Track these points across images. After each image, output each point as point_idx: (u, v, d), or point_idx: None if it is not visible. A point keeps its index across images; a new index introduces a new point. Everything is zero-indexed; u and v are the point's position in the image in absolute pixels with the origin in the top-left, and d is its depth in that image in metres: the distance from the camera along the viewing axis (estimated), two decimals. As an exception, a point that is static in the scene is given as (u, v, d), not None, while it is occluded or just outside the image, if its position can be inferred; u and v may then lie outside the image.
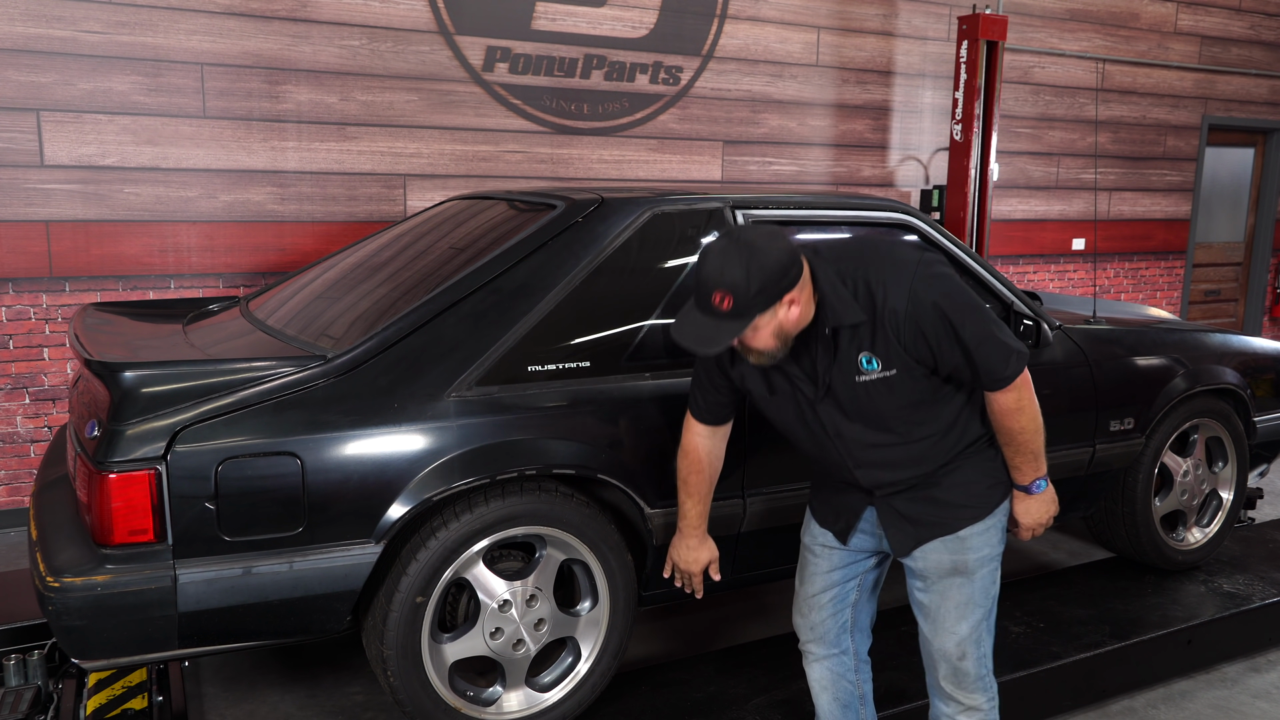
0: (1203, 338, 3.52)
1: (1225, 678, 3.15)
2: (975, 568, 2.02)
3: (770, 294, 1.78)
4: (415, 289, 2.52)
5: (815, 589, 2.19)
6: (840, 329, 1.87)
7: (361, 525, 2.21)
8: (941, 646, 2.07)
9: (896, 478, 2.00)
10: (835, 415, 1.96)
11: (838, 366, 1.90)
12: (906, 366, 1.88)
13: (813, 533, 2.20)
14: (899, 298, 1.84)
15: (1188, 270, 7.70)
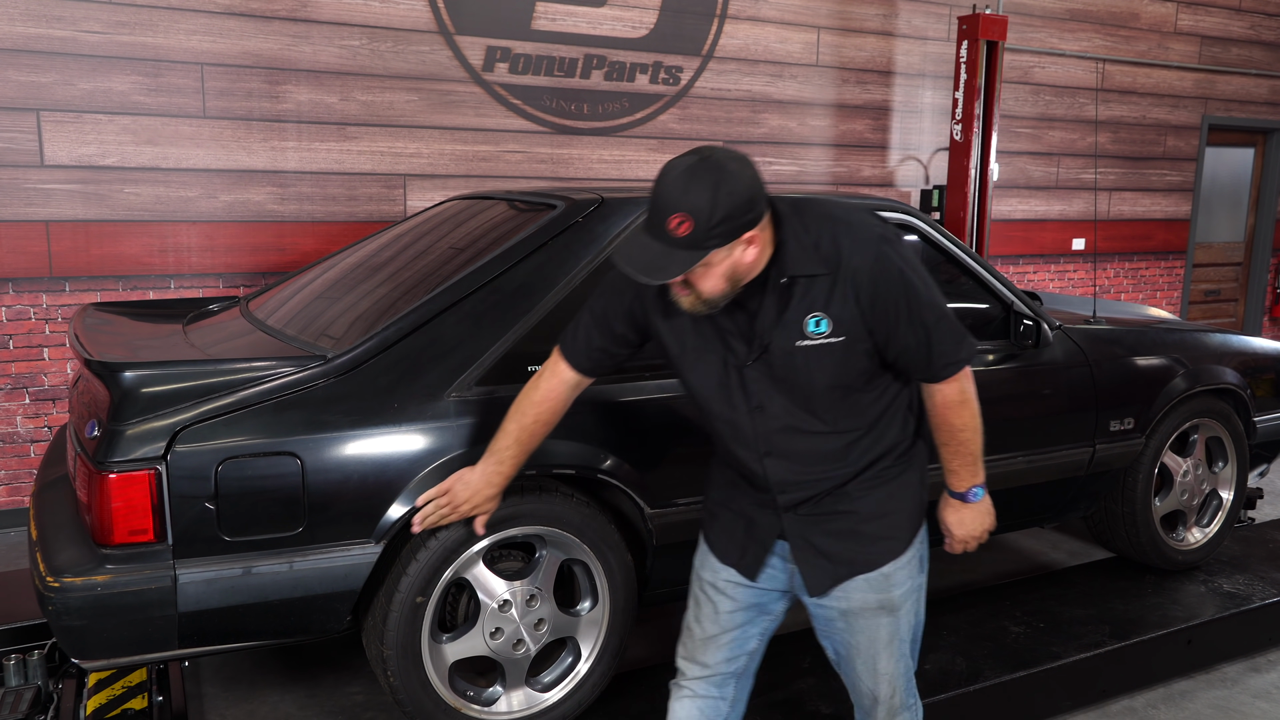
0: (1203, 338, 3.52)
1: (1225, 678, 3.15)
2: (901, 602, 1.84)
3: (733, 226, 1.57)
4: (415, 289, 2.52)
5: (714, 630, 1.93)
6: (796, 280, 1.68)
7: (361, 525, 2.21)
8: (872, 689, 1.90)
9: (804, 476, 1.79)
10: (763, 383, 1.74)
11: (781, 325, 1.69)
12: (855, 336, 1.69)
13: (712, 566, 1.94)
14: (865, 256, 1.67)
15: (1188, 270, 7.70)
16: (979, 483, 1.89)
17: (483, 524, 2.17)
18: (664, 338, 1.84)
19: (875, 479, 1.82)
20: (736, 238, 1.60)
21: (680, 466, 2.54)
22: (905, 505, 1.85)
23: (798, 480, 1.80)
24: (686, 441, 2.56)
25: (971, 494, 1.90)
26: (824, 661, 2.85)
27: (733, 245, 1.60)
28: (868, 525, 1.82)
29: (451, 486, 2.10)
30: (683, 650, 1.99)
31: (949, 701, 2.65)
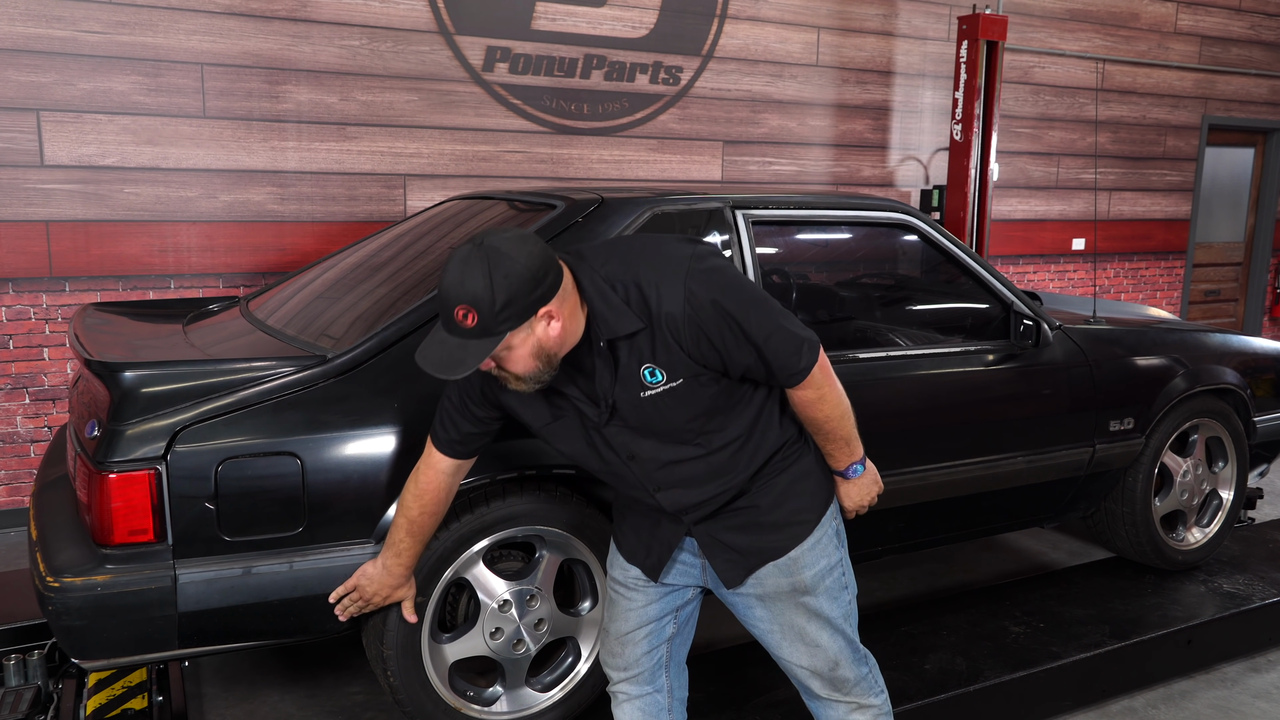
0: (1203, 338, 3.52)
1: (1225, 678, 3.15)
2: (816, 582, 1.86)
3: (520, 307, 1.55)
4: (415, 289, 2.52)
5: (628, 627, 1.97)
6: (616, 341, 1.66)
7: (361, 525, 2.21)
8: (811, 665, 1.90)
9: (702, 497, 1.81)
10: (625, 436, 1.75)
11: (620, 383, 1.69)
12: (693, 373, 1.68)
13: (621, 565, 1.97)
14: (674, 300, 1.63)
15: (1188, 270, 7.70)
16: (856, 459, 1.91)
17: (410, 610, 2.18)
18: (520, 414, 1.82)
19: (769, 474, 1.84)
20: (529, 317, 1.57)
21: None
22: (804, 489, 1.87)
23: (696, 502, 1.83)
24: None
25: (851, 470, 1.92)
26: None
27: (529, 324, 1.58)
28: (769, 515, 1.84)
29: (357, 582, 2.13)
30: (603, 652, 2.05)
31: (949, 701, 2.65)
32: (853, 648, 1.92)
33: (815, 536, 1.87)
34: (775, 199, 2.85)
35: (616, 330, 1.65)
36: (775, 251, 2.98)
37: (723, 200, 2.76)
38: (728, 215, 2.74)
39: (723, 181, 5.64)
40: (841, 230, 3.01)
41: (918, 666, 2.79)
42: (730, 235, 2.72)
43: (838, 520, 1.94)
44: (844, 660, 1.90)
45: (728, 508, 1.85)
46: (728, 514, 1.85)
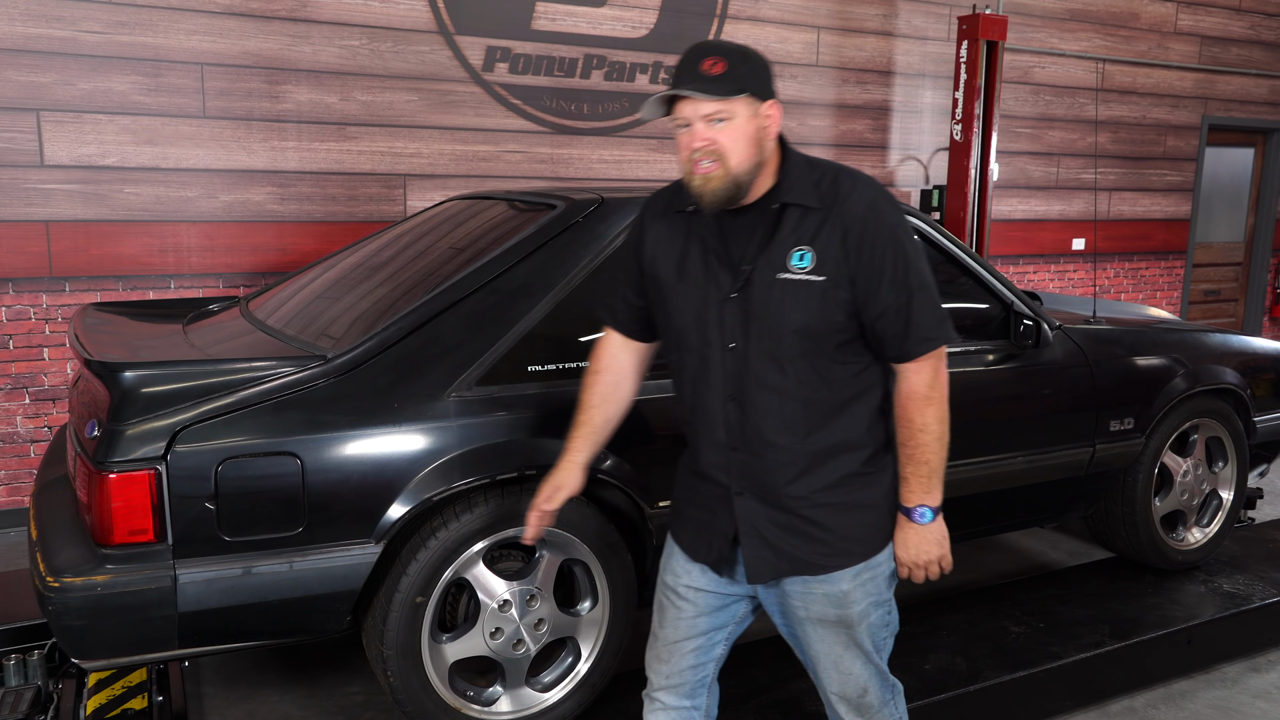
0: (1203, 338, 3.52)
1: (1225, 678, 3.15)
2: (861, 618, 1.81)
3: (760, 81, 1.65)
4: (415, 289, 2.52)
5: (678, 635, 1.92)
6: (789, 207, 1.70)
7: (361, 525, 2.21)
8: (840, 690, 1.88)
9: (762, 435, 1.75)
10: (738, 320, 1.72)
11: (767, 255, 1.69)
12: (836, 280, 1.67)
13: (675, 570, 1.92)
14: (862, 202, 1.68)
15: (1188, 270, 7.70)
16: (931, 503, 1.78)
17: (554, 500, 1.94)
18: (659, 268, 1.82)
19: (834, 482, 1.77)
20: (763, 96, 1.66)
21: (680, 466, 2.54)
22: (867, 520, 1.80)
23: (753, 440, 1.76)
24: (686, 441, 2.56)
25: (919, 513, 1.79)
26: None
27: (759, 106, 1.66)
28: (821, 532, 1.77)
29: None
30: (650, 656, 1.99)
31: (949, 701, 2.65)
32: (882, 677, 1.90)
33: (870, 573, 1.81)
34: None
35: (796, 196, 1.70)
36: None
37: (723, 200, 2.75)
38: (728, 215, 2.73)
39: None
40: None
41: (918, 666, 2.79)
42: (730, 235, 2.71)
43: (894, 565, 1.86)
44: (872, 688, 1.88)
45: (777, 498, 1.78)
46: (781, 510, 1.78)
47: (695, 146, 1.66)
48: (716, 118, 1.64)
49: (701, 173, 1.67)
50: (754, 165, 1.68)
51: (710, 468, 1.83)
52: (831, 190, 1.70)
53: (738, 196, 1.69)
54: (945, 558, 1.84)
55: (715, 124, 1.65)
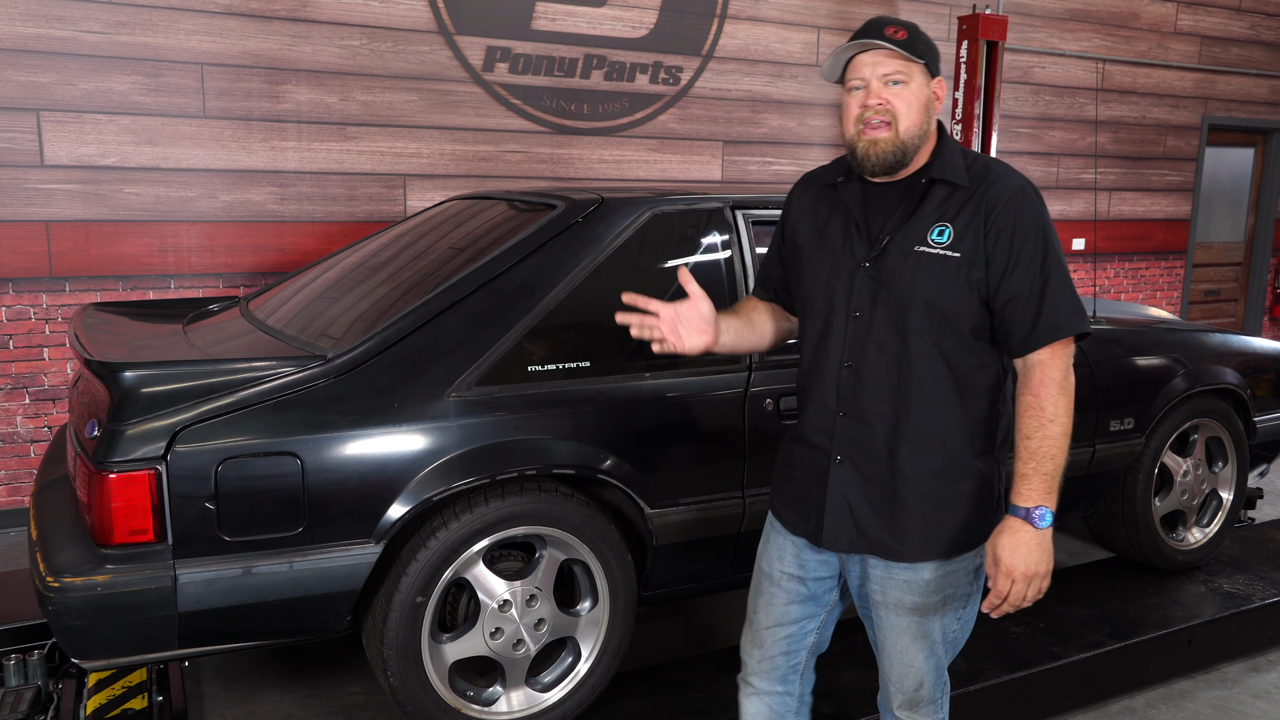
0: (1203, 338, 3.52)
1: (1225, 678, 3.15)
2: (936, 609, 1.82)
3: (933, 57, 1.74)
4: (415, 289, 2.52)
5: (770, 621, 1.96)
6: (937, 184, 1.74)
7: (361, 525, 2.21)
8: (899, 680, 1.90)
9: (870, 402, 1.76)
10: (867, 289, 1.75)
11: (906, 227, 1.73)
12: (971, 259, 1.69)
13: (769, 556, 1.96)
14: (1009, 187, 1.71)
15: (1188, 270, 7.70)
16: (1051, 505, 1.68)
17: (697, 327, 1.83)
18: (799, 235, 1.90)
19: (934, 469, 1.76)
20: (935, 72, 1.75)
21: (680, 466, 2.55)
22: (956, 515, 1.77)
23: (863, 407, 1.77)
24: (687, 441, 2.56)
25: (1038, 515, 1.67)
26: (824, 661, 2.86)
27: (929, 81, 1.75)
28: (906, 514, 1.76)
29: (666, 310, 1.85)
30: (744, 641, 2.02)
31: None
32: (939, 673, 1.92)
33: (955, 566, 1.80)
34: (775, 199, 2.85)
35: (946, 174, 1.74)
36: (775, 251, 2.97)
37: (723, 200, 2.76)
38: (728, 215, 2.74)
39: (723, 181, 5.64)
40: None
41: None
42: (730, 235, 2.72)
43: (982, 558, 1.83)
44: (928, 683, 1.90)
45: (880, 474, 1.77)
46: (875, 484, 1.78)
47: (869, 104, 1.72)
48: (895, 78, 1.71)
49: (870, 134, 1.72)
50: (920, 135, 1.74)
51: (816, 433, 1.84)
52: (982, 172, 1.75)
53: (900, 164, 1.74)
54: (1048, 576, 1.70)
55: (892, 85, 1.71)
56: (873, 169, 1.75)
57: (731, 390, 2.61)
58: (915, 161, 1.76)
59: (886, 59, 1.71)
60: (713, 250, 2.70)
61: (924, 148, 1.77)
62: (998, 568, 1.69)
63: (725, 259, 2.70)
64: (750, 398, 2.62)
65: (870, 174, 1.77)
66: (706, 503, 2.58)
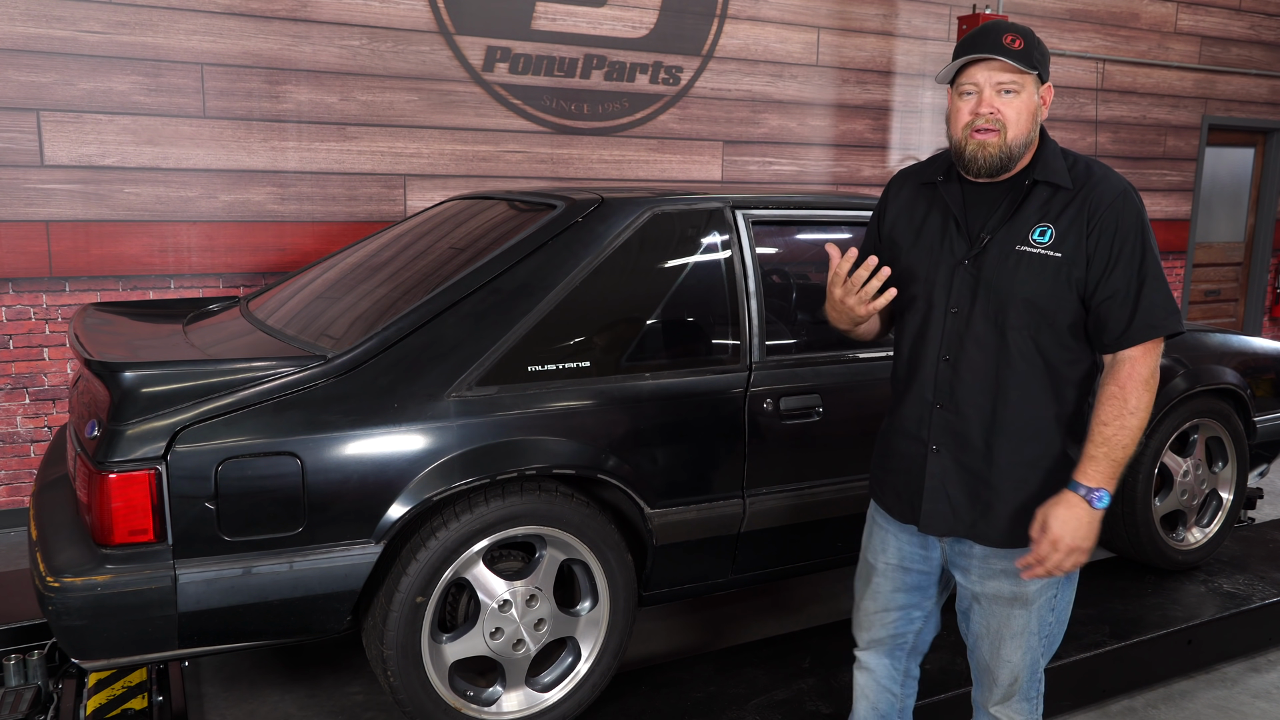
0: (1203, 338, 3.52)
1: (1225, 678, 3.15)
2: (1035, 597, 1.89)
3: (1046, 64, 1.77)
4: (415, 289, 2.52)
5: (876, 607, 2.07)
6: (1039, 185, 1.79)
7: (361, 525, 2.21)
8: (995, 673, 1.97)
9: (965, 393, 1.82)
10: (967, 287, 1.81)
11: (1009, 226, 1.79)
12: (1072, 259, 1.74)
13: (874, 547, 2.05)
14: (1112, 190, 1.76)
15: (1188, 270, 7.70)
16: (1110, 489, 1.74)
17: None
18: (897, 232, 1.94)
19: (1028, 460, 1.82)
20: (1045, 79, 1.79)
21: (680, 467, 2.55)
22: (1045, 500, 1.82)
23: (960, 400, 1.83)
24: (687, 441, 2.56)
25: (1097, 496, 1.74)
26: (824, 661, 2.87)
27: (1038, 88, 1.78)
28: (1000, 501, 1.83)
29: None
30: (854, 621, 2.15)
31: (949, 701, 2.65)
32: (1033, 670, 1.97)
33: None
34: (775, 199, 2.85)
35: (1049, 175, 1.79)
36: (775, 251, 2.98)
37: (723, 200, 2.76)
38: (728, 215, 2.74)
39: (723, 181, 5.64)
40: (842, 230, 3.01)
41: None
42: (730, 235, 2.72)
43: None
44: (1023, 679, 1.96)
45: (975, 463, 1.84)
46: (970, 473, 1.84)
47: (981, 112, 1.76)
48: (1007, 88, 1.76)
49: (979, 138, 1.77)
50: (1026, 140, 1.78)
51: (913, 424, 1.91)
52: (1084, 175, 1.79)
53: (1005, 168, 1.79)
54: (1089, 554, 1.77)
55: (1003, 94, 1.76)
56: (978, 171, 1.80)
57: (731, 390, 2.61)
58: (1019, 164, 1.81)
59: (1002, 69, 1.75)
60: (713, 250, 2.70)
61: (1028, 151, 1.81)
62: (1045, 534, 1.75)
63: (725, 259, 2.70)
64: (750, 398, 2.62)
65: (976, 176, 1.82)
66: (706, 503, 2.58)
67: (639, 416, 2.50)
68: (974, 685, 2.07)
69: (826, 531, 2.82)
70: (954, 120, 1.81)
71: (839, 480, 2.78)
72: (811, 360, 2.74)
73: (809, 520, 2.75)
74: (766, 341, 2.68)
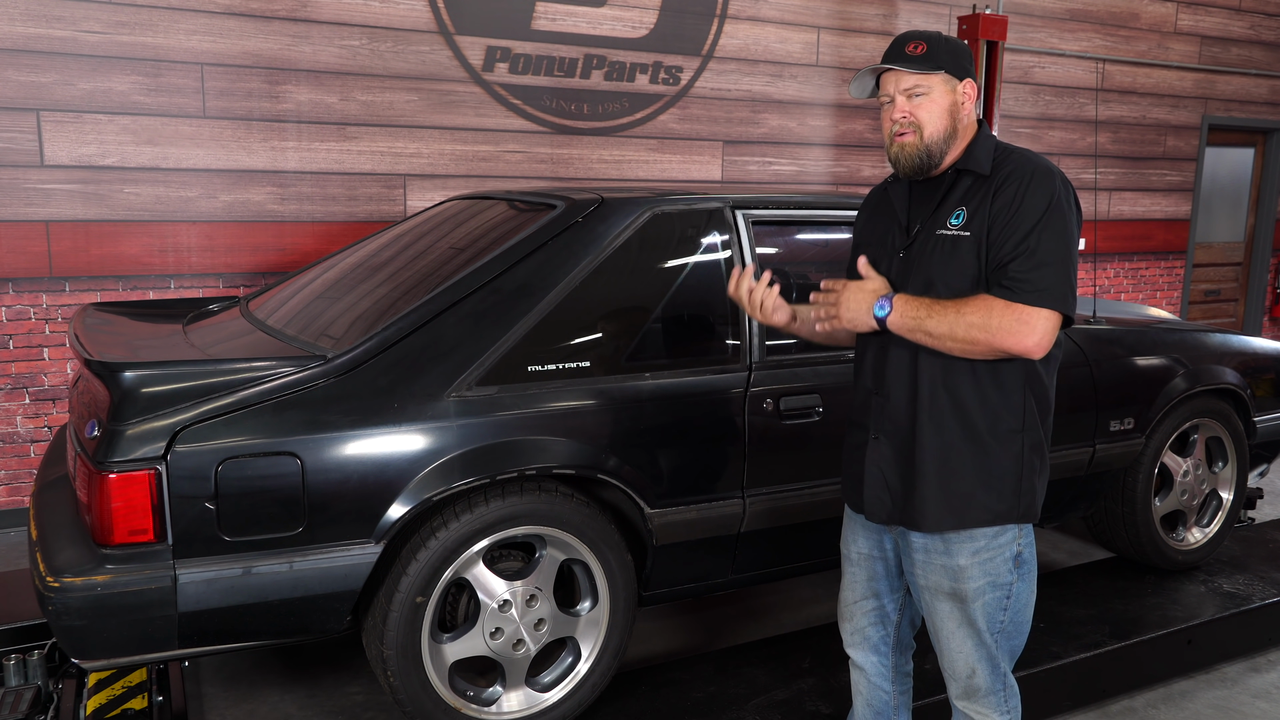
0: (1203, 338, 3.52)
1: (1225, 678, 3.15)
2: (976, 595, 1.92)
3: (958, 62, 1.85)
4: (415, 289, 2.52)
5: (855, 597, 2.15)
6: (962, 174, 1.88)
7: (361, 525, 2.21)
8: (950, 666, 2.02)
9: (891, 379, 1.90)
10: (900, 275, 1.92)
11: (934, 215, 1.89)
12: (978, 235, 1.82)
13: (845, 537, 2.16)
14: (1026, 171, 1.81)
15: (1188, 270, 7.70)
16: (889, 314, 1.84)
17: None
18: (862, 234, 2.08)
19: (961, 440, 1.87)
20: (960, 76, 1.86)
21: (680, 466, 2.55)
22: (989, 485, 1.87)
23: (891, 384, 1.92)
24: (687, 442, 2.56)
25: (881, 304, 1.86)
26: (824, 661, 2.87)
27: (955, 85, 1.86)
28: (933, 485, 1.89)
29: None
30: (839, 614, 2.21)
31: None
32: (993, 663, 1.99)
33: (990, 553, 1.91)
34: (775, 199, 2.85)
35: (969, 164, 1.87)
36: (775, 251, 2.98)
37: (723, 200, 2.76)
38: (728, 215, 2.74)
39: (723, 181, 5.64)
40: (841, 230, 3.01)
41: (918, 667, 2.78)
42: (730, 235, 2.72)
43: (1025, 547, 1.94)
44: (981, 671, 1.99)
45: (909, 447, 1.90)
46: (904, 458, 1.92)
47: (896, 118, 1.87)
48: (915, 92, 1.85)
49: (899, 141, 1.88)
50: (946, 136, 1.86)
51: (860, 414, 2.02)
52: (1004, 160, 1.87)
53: (929, 165, 1.88)
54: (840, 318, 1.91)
55: (914, 98, 1.85)
56: (905, 171, 1.91)
57: (732, 390, 2.61)
58: (948, 158, 1.89)
59: (907, 74, 1.85)
60: (713, 250, 2.70)
61: (957, 145, 1.89)
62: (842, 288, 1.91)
63: (725, 259, 2.70)
64: (750, 398, 2.62)
65: (904, 175, 1.92)
66: (706, 503, 2.58)
67: (639, 416, 2.50)
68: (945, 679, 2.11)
69: (826, 531, 2.82)
70: (883, 129, 1.92)
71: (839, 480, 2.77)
72: (811, 360, 2.74)
73: (809, 520, 2.75)
74: (766, 341, 2.68)
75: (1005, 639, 1.99)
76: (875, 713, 2.21)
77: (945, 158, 1.88)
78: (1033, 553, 1.97)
